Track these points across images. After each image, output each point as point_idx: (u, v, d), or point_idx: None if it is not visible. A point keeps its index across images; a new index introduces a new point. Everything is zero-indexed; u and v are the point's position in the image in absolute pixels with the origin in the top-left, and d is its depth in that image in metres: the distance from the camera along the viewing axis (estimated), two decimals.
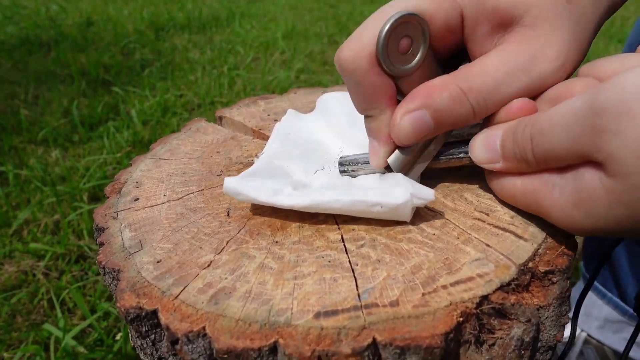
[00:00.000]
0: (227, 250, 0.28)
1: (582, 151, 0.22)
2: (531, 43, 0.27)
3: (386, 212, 0.28)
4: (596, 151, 0.22)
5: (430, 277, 0.25)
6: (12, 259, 0.95)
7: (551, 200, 0.25)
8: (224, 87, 1.77)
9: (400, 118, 0.28)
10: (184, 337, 0.23)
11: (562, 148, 0.23)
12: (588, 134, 0.22)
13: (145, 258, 0.28)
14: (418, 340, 0.21)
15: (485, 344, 0.25)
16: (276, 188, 0.29)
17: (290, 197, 0.28)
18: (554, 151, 0.24)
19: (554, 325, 0.27)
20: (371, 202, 0.27)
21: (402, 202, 0.27)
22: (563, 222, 0.25)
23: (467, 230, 0.28)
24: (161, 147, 0.42)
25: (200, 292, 0.25)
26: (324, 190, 0.28)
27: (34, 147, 1.35)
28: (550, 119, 0.24)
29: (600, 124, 0.21)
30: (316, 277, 0.25)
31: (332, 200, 0.28)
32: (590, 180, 0.23)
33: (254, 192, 0.29)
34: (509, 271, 0.25)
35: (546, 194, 0.25)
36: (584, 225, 0.24)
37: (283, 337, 0.22)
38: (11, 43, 2.24)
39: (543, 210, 0.26)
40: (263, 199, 0.29)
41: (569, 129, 0.23)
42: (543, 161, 0.25)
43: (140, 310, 0.24)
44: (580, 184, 0.23)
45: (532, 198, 0.26)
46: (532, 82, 0.27)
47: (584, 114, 0.22)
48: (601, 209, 0.22)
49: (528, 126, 0.25)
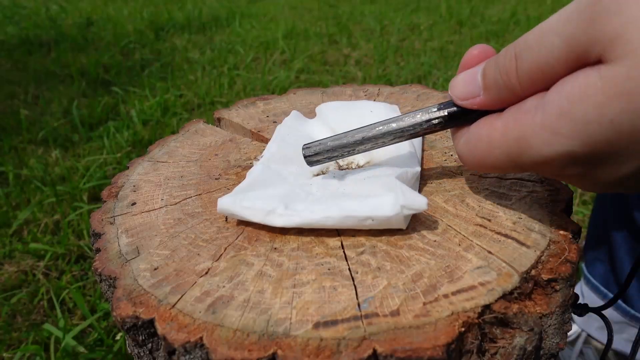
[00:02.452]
0: (225, 257, 0.27)
1: (577, 50, 0.20)
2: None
3: (378, 224, 0.27)
4: (594, 43, 0.19)
5: (431, 285, 0.24)
6: (12, 259, 0.95)
7: (533, 123, 0.22)
8: (224, 87, 1.76)
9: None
10: (181, 348, 0.22)
11: (554, 55, 0.21)
12: (584, 27, 0.19)
13: (142, 265, 0.27)
14: (419, 351, 0.21)
15: (488, 353, 0.24)
16: (269, 209, 0.29)
17: (282, 217, 0.28)
18: (542, 63, 0.21)
19: (556, 333, 0.26)
20: (362, 216, 0.27)
21: (392, 214, 0.26)
22: (545, 146, 0.21)
23: (469, 237, 0.28)
24: (159, 149, 0.42)
25: (197, 301, 0.24)
26: (313, 208, 0.28)
27: (34, 147, 1.34)
28: (540, 29, 0.22)
29: (599, 10, 0.19)
30: (315, 286, 0.25)
31: (322, 218, 0.28)
32: (584, 79, 0.20)
33: (247, 212, 0.29)
34: (512, 279, 0.24)
35: (528, 120, 0.22)
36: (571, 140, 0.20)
37: (282, 348, 0.21)
38: (11, 43, 2.24)
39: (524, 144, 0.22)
40: (256, 219, 0.29)
41: (561, 30, 0.20)
42: (529, 82, 0.22)
43: (137, 320, 0.24)
44: (569, 89, 0.20)
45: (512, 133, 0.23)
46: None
47: (579, 9, 0.20)
48: (592, 108, 0.19)
49: (511, 47, 0.23)
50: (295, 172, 0.34)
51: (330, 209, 0.28)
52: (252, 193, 0.30)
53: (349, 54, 2.17)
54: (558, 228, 0.28)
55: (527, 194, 0.31)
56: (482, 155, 0.25)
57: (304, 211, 0.28)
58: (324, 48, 2.25)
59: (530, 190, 0.32)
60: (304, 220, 0.28)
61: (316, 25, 2.63)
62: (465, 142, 0.26)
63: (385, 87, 0.51)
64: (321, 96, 0.50)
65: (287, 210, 0.28)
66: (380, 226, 0.27)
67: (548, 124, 0.21)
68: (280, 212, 0.28)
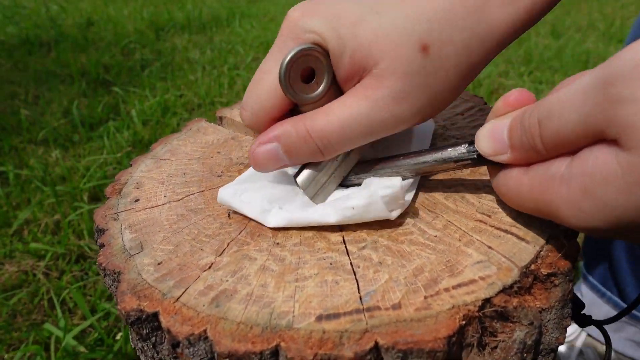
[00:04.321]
0: (228, 252, 0.28)
1: (594, 129, 0.20)
2: (375, 92, 0.28)
3: (361, 213, 0.28)
4: (610, 125, 0.19)
5: (432, 279, 0.24)
6: (12, 259, 0.95)
7: (559, 194, 0.22)
8: (224, 87, 1.76)
9: (256, 147, 0.30)
10: (185, 341, 0.23)
11: (572, 130, 0.21)
12: (600, 108, 0.20)
13: (146, 260, 0.28)
14: (421, 344, 0.21)
15: (488, 347, 0.25)
16: (265, 208, 0.29)
17: (274, 217, 0.29)
18: (563, 134, 0.22)
19: (556, 327, 0.27)
20: (342, 206, 0.28)
21: (367, 196, 0.27)
22: (573, 218, 0.22)
23: (469, 232, 0.28)
24: (161, 147, 0.42)
25: (201, 295, 0.25)
26: (303, 205, 0.29)
27: (34, 147, 1.35)
28: (559, 100, 0.22)
29: (613, 93, 0.19)
30: (318, 280, 0.25)
31: (307, 214, 0.28)
32: (603, 159, 0.20)
33: (245, 207, 0.30)
34: (511, 274, 0.25)
35: (554, 188, 0.23)
36: (597, 219, 0.21)
37: (285, 341, 0.21)
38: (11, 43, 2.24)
39: (553, 208, 0.23)
40: (252, 215, 0.30)
41: (578, 106, 0.21)
42: (552, 147, 0.23)
43: (141, 313, 0.24)
44: (591, 167, 0.21)
45: (540, 195, 0.24)
46: (372, 128, 0.28)
47: (595, 87, 0.20)
48: (616, 193, 0.20)
49: (535, 111, 0.23)
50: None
51: (314, 205, 0.29)
52: (252, 185, 0.31)
53: None
54: (557, 224, 0.28)
55: None
56: (515, 203, 0.26)
57: (294, 210, 0.29)
58: None
59: None
60: (291, 217, 0.29)
61: None
62: (496, 185, 0.27)
63: None
64: None
65: (280, 211, 0.29)
66: (363, 215, 0.28)
67: (573, 201, 0.22)
68: (274, 212, 0.29)
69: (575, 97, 0.21)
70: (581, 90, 0.21)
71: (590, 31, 2.61)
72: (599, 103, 0.20)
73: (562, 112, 0.22)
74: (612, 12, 3.08)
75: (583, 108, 0.21)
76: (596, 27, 2.70)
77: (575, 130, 0.21)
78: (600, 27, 2.69)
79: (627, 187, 0.19)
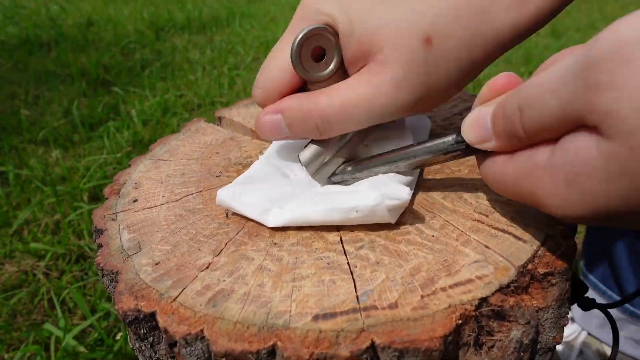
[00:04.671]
0: (226, 252, 0.28)
1: (575, 116, 0.20)
2: (377, 77, 0.29)
3: (364, 217, 0.28)
4: (590, 111, 0.19)
5: (429, 279, 0.24)
6: (12, 259, 0.95)
7: (542, 183, 0.22)
8: (224, 87, 1.77)
9: (262, 116, 0.32)
10: (182, 340, 0.23)
11: (552, 116, 0.21)
12: (580, 93, 0.19)
13: (144, 260, 0.28)
14: (417, 343, 0.21)
15: (485, 346, 0.25)
16: (264, 207, 0.30)
17: (275, 217, 0.29)
18: (543, 121, 0.21)
19: (553, 327, 0.27)
20: (346, 208, 0.28)
21: (374, 204, 0.27)
22: (557, 208, 0.22)
23: (466, 232, 0.28)
24: (160, 147, 0.42)
25: (198, 295, 0.25)
26: (304, 204, 0.29)
27: (34, 147, 1.35)
28: (539, 85, 0.21)
29: (593, 78, 0.18)
30: (315, 279, 0.25)
31: (309, 212, 0.28)
32: (584, 148, 0.19)
33: (245, 207, 0.30)
34: (508, 273, 0.25)
35: (537, 177, 0.22)
36: (581, 208, 0.21)
37: (281, 340, 0.21)
38: (11, 43, 2.24)
39: (537, 197, 0.23)
40: (252, 216, 0.30)
41: (558, 91, 0.20)
42: (533, 134, 0.22)
43: (139, 313, 0.24)
44: (572, 157, 0.20)
45: (524, 184, 0.23)
46: (371, 112, 0.29)
47: (574, 72, 0.19)
48: (599, 183, 0.19)
49: (515, 96, 0.23)
50: (298, 170, 0.34)
51: (316, 204, 0.29)
52: (251, 187, 0.31)
53: None
54: (554, 223, 0.28)
55: None
56: (500, 191, 0.26)
57: (295, 209, 0.29)
58: None
59: None
60: (292, 216, 0.29)
61: None
62: (483, 174, 0.27)
63: None
64: None
65: (280, 210, 0.29)
66: (366, 219, 0.28)
67: (556, 191, 0.21)
68: (275, 212, 0.29)
69: (555, 82, 0.20)
70: (561, 74, 0.20)
71: (590, 31, 2.61)
72: (578, 89, 0.19)
73: (541, 98, 0.21)
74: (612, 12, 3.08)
75: (563, 94, 0.20)
76: (596, 27, 2.69)
77: (555, 117, 0.20)
78: (600, 27, 2.69)
79: (610, 177, 0.19)
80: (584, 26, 2.72)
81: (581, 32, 2.59)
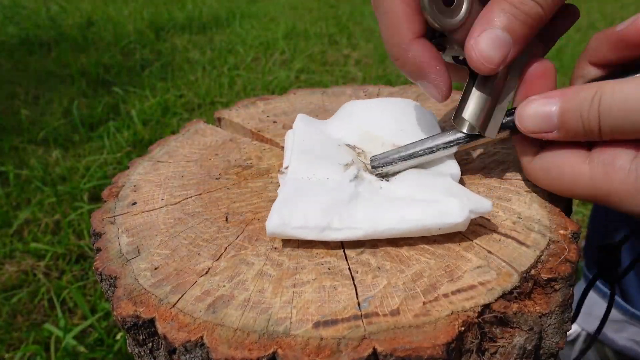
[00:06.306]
0: (226, 257, 0.28)
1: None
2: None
3: (444, 231, 0.27)
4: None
5: (431, 285, 0.24)
6: (12, 259, 0.95)
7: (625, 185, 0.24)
8: (224, 87, 1.76)
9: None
10: (181, 347, 0.22)
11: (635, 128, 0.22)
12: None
13: (143, 264, 0.28)
14: (419, 350, 0.21)
15: (487, 353, 0.24)
16: (323, 225, 0.27)
17: (341, 232, 0.27)
18: (626, 128, 0.23)
19: (556, 332, 0.26)
20: (430, 225, 0.26)
21: (461, 221, 0.26)
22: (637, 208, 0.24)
23: (469, 236, 0.28)
24: (159, 149, 0.42)
25: (198, 300, 0.24)
26: (374, 217, 0.27)
27: (34, 147, 1.34)
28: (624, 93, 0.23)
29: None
30: (315, 285, 0.25)
31: (387, 229, 0.26)
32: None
33: (300, 232, 0.27)
34: (511, 279, 0.24)
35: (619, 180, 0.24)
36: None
37: (282, 348, 0.21)
38: (11, 43, 2.23)
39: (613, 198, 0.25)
40: (311, 237, 0.27)
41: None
42: (611, 137, 0.24)
43: (137, 319, 0.24)
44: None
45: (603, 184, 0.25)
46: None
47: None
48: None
49: (596, 102, 0.24)
50: (330, 175, 0.32)
51: (393, 219, 0.26)
52: (295, 207, 0.28)
53: (349, 54, 2.17)
54: (558, 228, 0.28)
55: (526, 194, 0.31)
56: (562, 189, 0.27)
57: (365, 222, 0.27)
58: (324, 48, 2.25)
59: (529, 190, 0.32)
60: (366, 232, 0.27)
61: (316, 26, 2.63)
62: (541, 169, 0.28)
63: (385, 87, 0.51)
64: (321, 96, 0.50)
65: (343, 222, 0.27)
66: (444, 232, 0.27)
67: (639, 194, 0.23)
68: (337, 225, 0.27)
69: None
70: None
71: (590, 31, 2.61)
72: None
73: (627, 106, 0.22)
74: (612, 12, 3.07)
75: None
76: (596, 27, 2.69)
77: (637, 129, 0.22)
78: (600, 27, 2.68)
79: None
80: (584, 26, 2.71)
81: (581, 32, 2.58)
